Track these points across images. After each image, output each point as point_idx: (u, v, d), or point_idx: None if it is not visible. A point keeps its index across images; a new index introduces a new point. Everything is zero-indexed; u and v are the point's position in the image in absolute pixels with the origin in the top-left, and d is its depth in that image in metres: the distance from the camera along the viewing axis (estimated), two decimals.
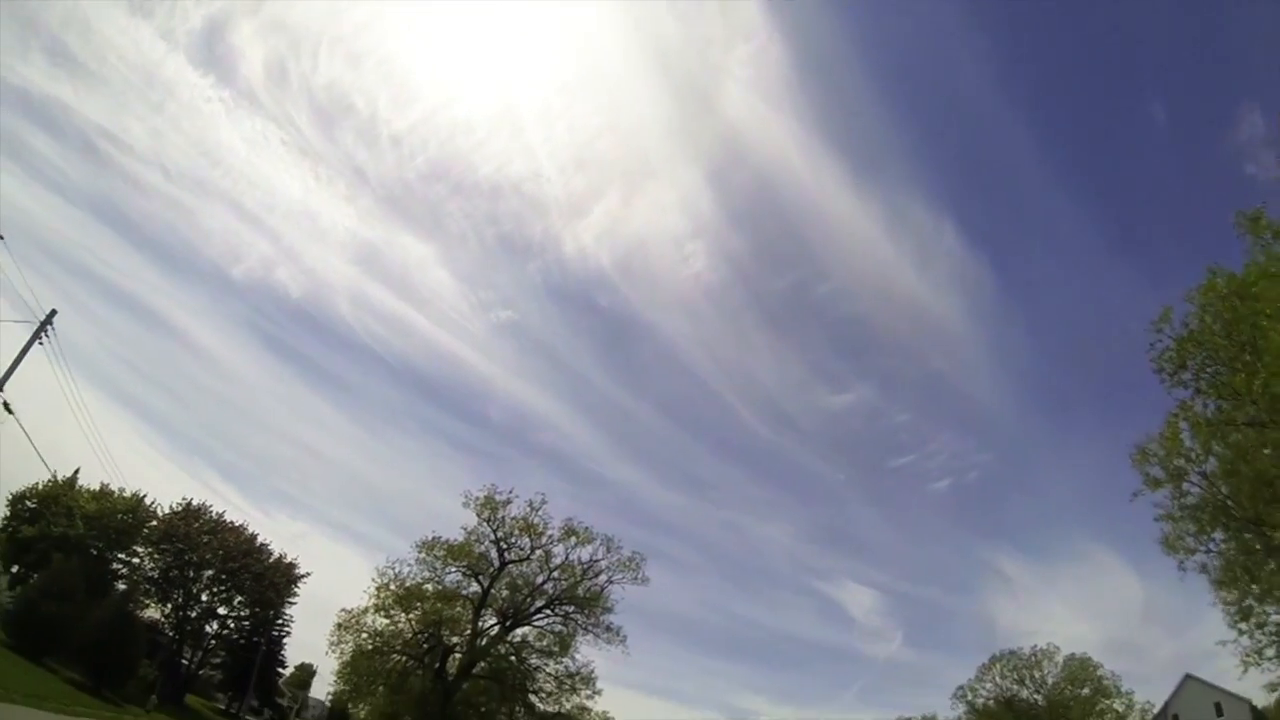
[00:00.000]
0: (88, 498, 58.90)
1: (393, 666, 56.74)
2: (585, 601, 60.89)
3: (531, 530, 59.82)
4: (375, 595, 56.27)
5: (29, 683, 32.47)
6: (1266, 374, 21.07)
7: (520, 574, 61.99)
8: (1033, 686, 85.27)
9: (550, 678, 62.38)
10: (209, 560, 61.24)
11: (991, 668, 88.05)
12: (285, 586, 69.16)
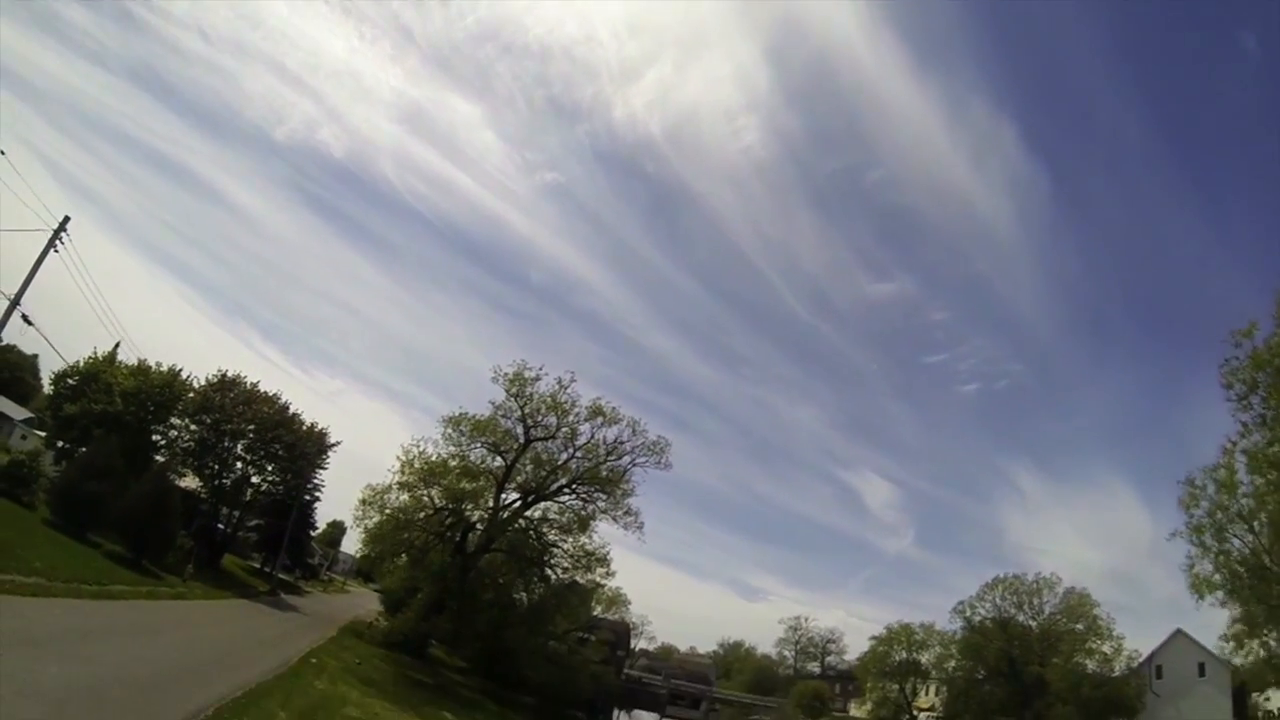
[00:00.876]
0: (126, 374, 60.06)
1: (413, 540, 58.07)
2: (607, 482, 61.84)
3: (558, 408, 60.36)
4: (400, 472, 57.39)
5: (71, 565, 33.62)
6: None
7: (544, 451, 62.68)
8: (1029, 613, 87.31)
9: (566, 555, 64.37)
10: (244, 430, 62.60)
11: (994, 588, 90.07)
12: (316, 455, 71.03)
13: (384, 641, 55.64)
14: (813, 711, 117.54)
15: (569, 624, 73.07)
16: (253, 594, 57.43)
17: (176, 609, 35.71)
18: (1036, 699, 77.64)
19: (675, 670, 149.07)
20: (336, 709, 27.76)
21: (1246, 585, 24.27)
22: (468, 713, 42.58)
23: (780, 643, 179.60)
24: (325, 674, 33.79)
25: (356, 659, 42.97)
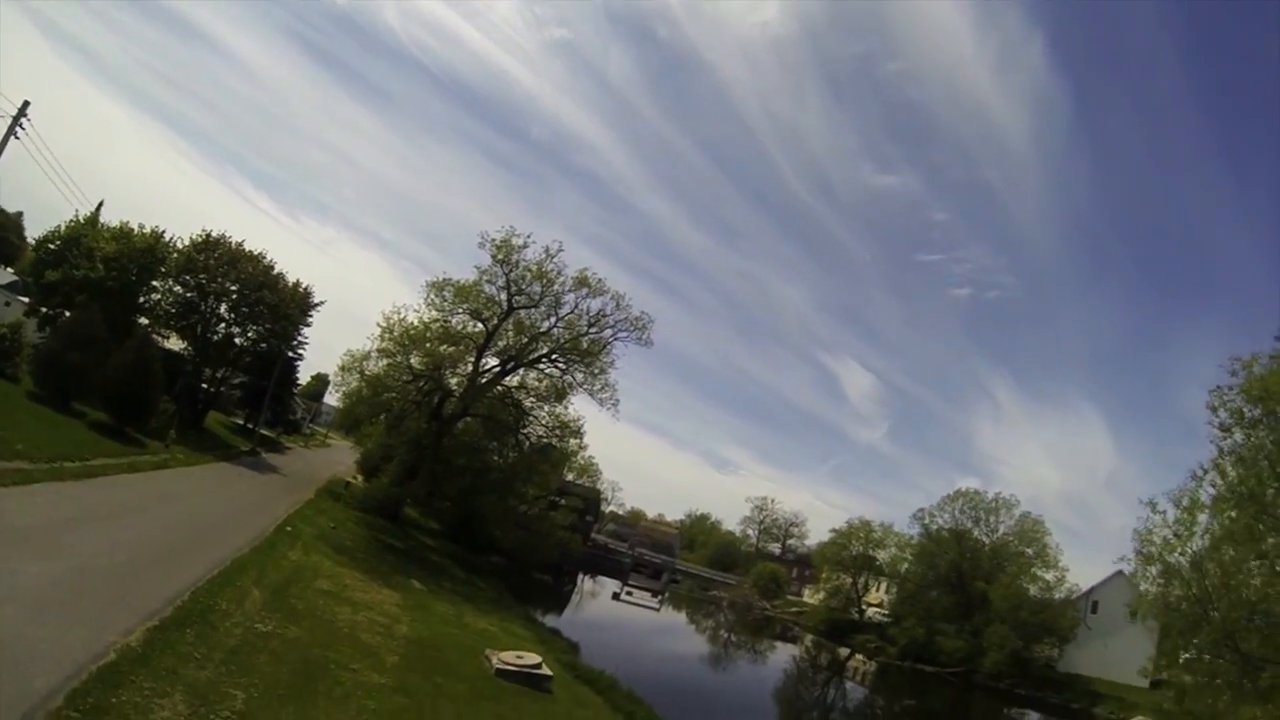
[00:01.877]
0: (107, 238, 59.37)
1: (390, 406, 59.62)
2: (586, 354, 62.69)
3: (544, 277, 60.62)
4: (379, 339, 58.46)
5: (54, 441, 34.46)
6: None
7: (527, 318, 63.33)
8: (984, 530, 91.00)
9: (541, 423, 66.62)
10: (227, 290, 62.93)
11: (954, 500, 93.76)
12: (300, 314, 71.61)
13: (360, 505, 57.40)
14: (768, 593, 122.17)
15: (539, 490, 74.98)
16: (234, 455, 58.35)
17: (158, 481, 36.36)
18: (978, 613, 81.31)
19: (641, 538, 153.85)
20: (309, 581, 28.96)
21: (1179, 629, 24.56)
22: (435, 579, 43.85)
23: (745, 521, 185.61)
24: (299, 543, 35.09)
25: (331, 523, 44.44)
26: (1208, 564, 20.28)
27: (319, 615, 25.06)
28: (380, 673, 22.00)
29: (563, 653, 38.00)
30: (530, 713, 24.68)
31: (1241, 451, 21.41)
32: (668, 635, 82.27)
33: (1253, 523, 20.00)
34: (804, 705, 62.59)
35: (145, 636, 16.33)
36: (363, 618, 27.42)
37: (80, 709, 12.16)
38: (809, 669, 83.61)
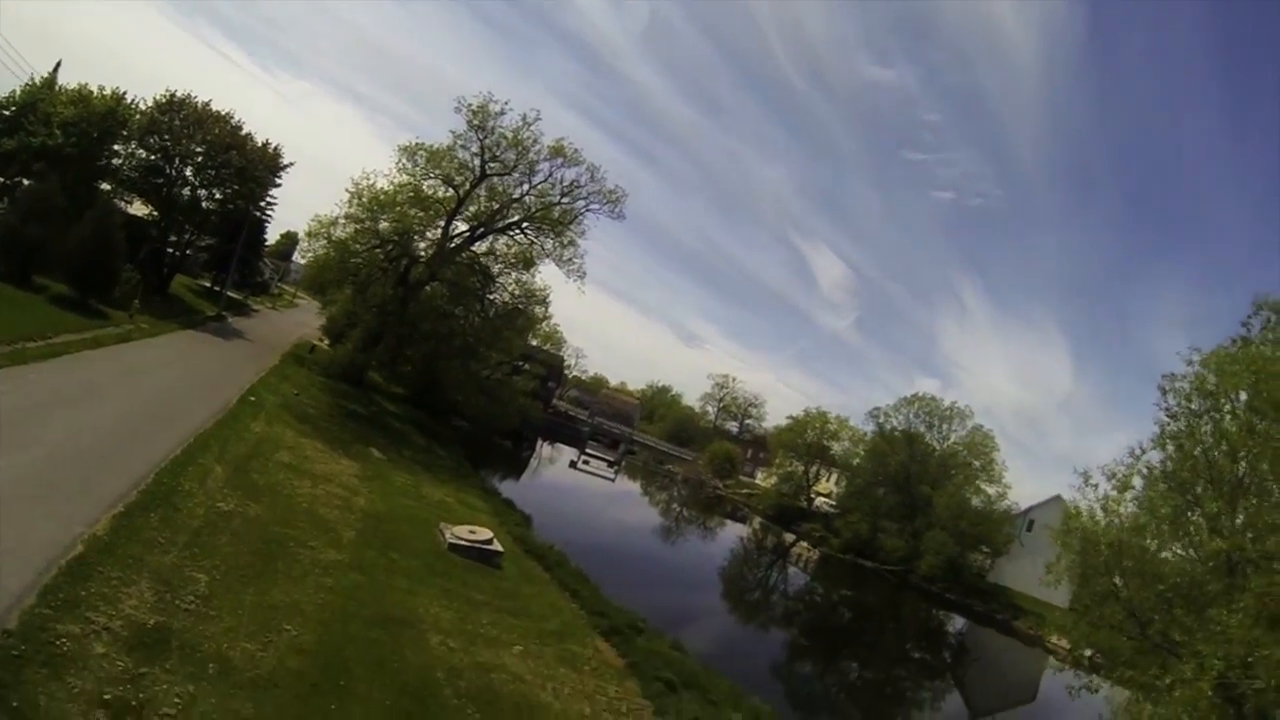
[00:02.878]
0: (65, 102, 56.48)
1: (357, 271, 59.31)
2: (558, 223, 62.62)
3: (519, 144, 59.88)
4: (348, 204, 57.72)
5: (15, 320, 34.10)
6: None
7: (500, 185, 62.96)
8: (937, 437, 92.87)
9: (507, 290, 67.43)
10: (193, 152, 60.86)
11: (911, 403, 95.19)
12: (268, 176, 69.84)
13: (324, 371, 57.53)
14: (722, 472, 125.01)
15: (503, 356, 75.69)
16: (200, 322, 57.64)
17: (122, 356, 35.92)
18: (920, 516, 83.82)
19: (602, 407, 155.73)
20: (270, 454, 29.49)
21: (1090, 597, 24.62)
22: (395, 448, 44.45)
23: (705, 397, 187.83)
24: (263, 413, 35.42)
25: (295, 390, 44.76)
26: (1126, 546, 21.15)
27: (279, 491, 25.65)
28: (337, 549, 22.82)
29: (515, 525, 38.89)
30: (479, 588, 25.49)
31: (1182, 440, 22.05)
32: (621, 506, 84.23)
33: (1179, 512, 20.85)
34: (748, 585, 64.81)
35: (111, 524, 16.82)
36: (322, 491, 28.09)
37: (52, 605, 12.71)
38: (755, 551, 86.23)
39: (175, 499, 20.14)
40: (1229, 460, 20.06)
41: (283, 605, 17.40)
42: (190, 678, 12.87)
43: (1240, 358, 20.65)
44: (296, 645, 15.83)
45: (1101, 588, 21.79)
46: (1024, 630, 70.95)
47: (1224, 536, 18.67)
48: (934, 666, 57.70)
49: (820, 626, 59.16)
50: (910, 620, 71.72)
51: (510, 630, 22.90)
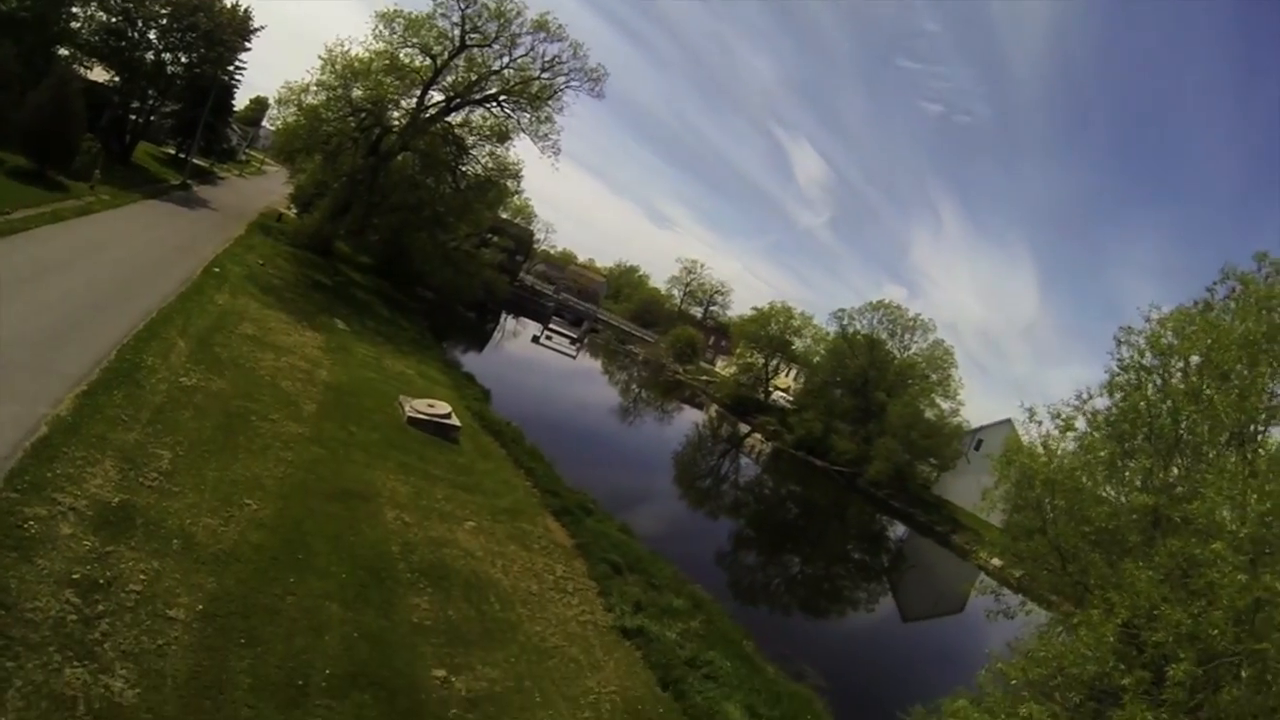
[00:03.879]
0: None
1: (328, 139, 58.13)
2: (535, 98, 62.13)
3: (502, 16, 59.14)
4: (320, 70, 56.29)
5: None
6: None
7: (479, 56, 61.88)
8: (898, 345, 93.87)
9: (480, 163, 66.76)
10: (157, 14, 58.33)
11: (876, 309, 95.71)
12: (237, 40, 67.52)
13: (291, 241, 57.22)
14: (683, 357, 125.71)
15: (472, 228, 75.56)
16: (164, 191, 56.19)
17: (82, 229, 34.97)
18: (873, 422, 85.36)
19: (568, 283, 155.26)
20: (234, 327, 29.64)
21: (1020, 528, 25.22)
22: (359, 319, 44.74)
23: (672, 280, 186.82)
24: (227, 285, 35.37)
25: (260, 261, 44.59)
26: (1060, 485, 21.74)
27: (242, 364, 25.92)
28: (298, 422, 23.44)
29: (474, 400, 39.61)
30: (436, 463, 26.32)
31: (1129, 392, 22.44)
32: (580, 384, 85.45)
33: (1115, 460, 21.43)
34: (699, 472, 66.13)
35: (74, 404, 17.07)
36: (285, 364, 28.45)
37: (18, 489, 13.11)
38: (709, 439, 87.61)
39: (138, 375, 20.40)
40: (1170, 420, 20.58)
41: (244, 480, 17.98)
42: (155, 554, 13.50)
43: (1199, 322, 21.13)
44: (257, 520, 16.52)
45: (1030, 522, 22.76)
46: (961, 545, 72.42)
47: (1152, 492, 19.47)
48: (872, 569, 59.68)
49: (766, 519, 60.76)
50: (854, 522, 73.66)
51: (464, 506, 23.82)
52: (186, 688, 11.20)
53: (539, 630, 18.67)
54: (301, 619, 14.30)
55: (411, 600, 17.14)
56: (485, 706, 14.90)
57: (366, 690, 13.43)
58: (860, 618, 45.49)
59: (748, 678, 21.67)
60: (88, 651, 10.73)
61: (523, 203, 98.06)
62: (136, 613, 11.98)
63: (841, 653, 33.25)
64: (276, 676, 12.48)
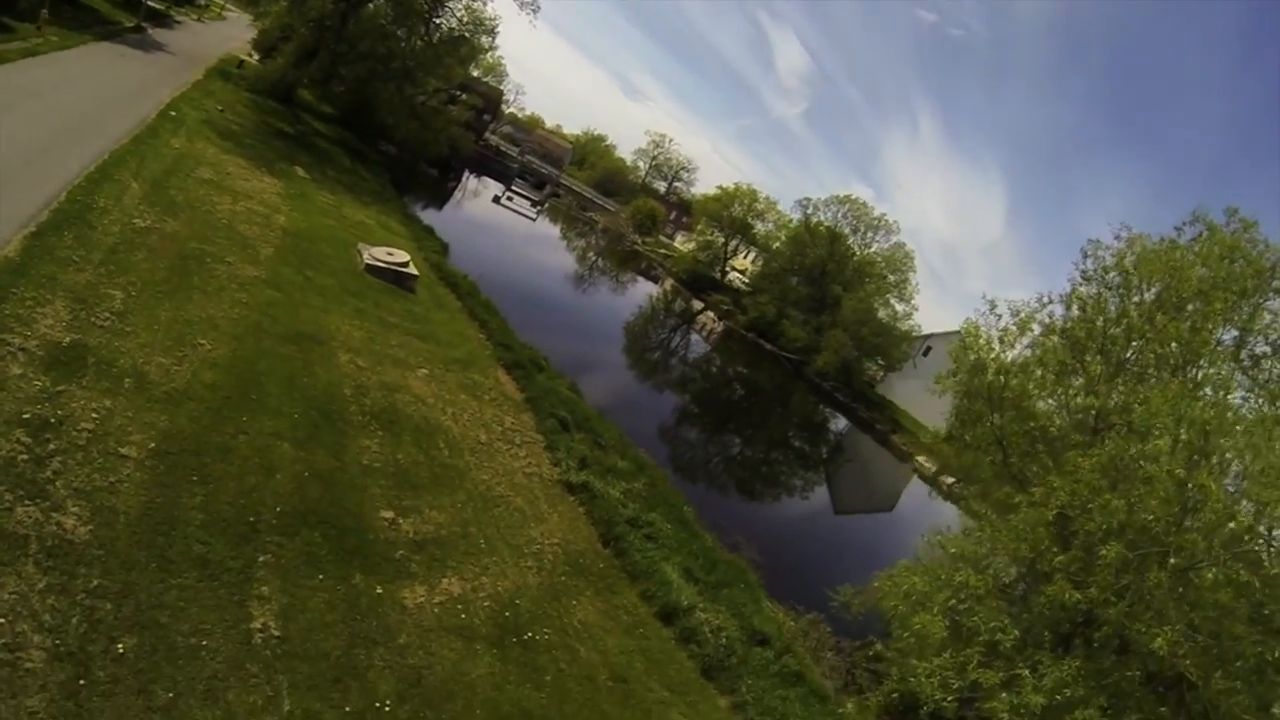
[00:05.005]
0: None
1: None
2: None
3: None
4: None
5: None
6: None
7: None
8: (859, 242, 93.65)
9: (455, 15, 64.71)
10: None
11: (843, 202, 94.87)
12: None
13: (252, 87, 55.23)
14: (643, 229, 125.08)
15: (441, 83, 73.53)
16: (116, 34, 52.52)
17: (29, 71, 32.75)
18: (826, 314, 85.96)
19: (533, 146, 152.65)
20: (190, 171, 29.13)
21: (965, 416, 25.74)
22: (320, 167, 44.08)
23: (639, 153, 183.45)
24: (184, 129, 34.47)
25: (219, 106, 43.20)
26: (1011, 379, 22.24)
27: (198, 207, 25.63)
28: (255, 265, 23.50)
29: (433, 252, 39.71)
30: (391, 310, 26.71)
31: (1088, 305, 22.83)
32: (538, 248, 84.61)
33: (1065, 367, 21.97)
34: (650, 344, 67.03)
35: (22, 245, 16.87)
36: (242, 208, 28.22)
37: None
38: (662, 312, 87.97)
39: (90, 217, 20.15)
40: (1123, 340, 21.18)
41: (198, 320, 18.11)
42: (107, 393, 13.71)
43: (1163, 253, 21.72)
44: (210, 360, 16.73)
45: (978, 410, 23.46)
46: (899, 445, 73.76)
47: (1098, 396, 20.25)
48: (810, 458, 60.72)
49: (711, 397, 61.73)
50: (797, 409, 74.72)
51: (417, 354, 24.26)
52: (139, 524, 11.55)
53: (486, 479, 19.32)
54: (253, 458, 14.66)
55: (362, 442, 17.60)
56: (431, 549, 15.54)
57: (316, 528, 13.94)
58: (794, 504, 46.59)
59: (686, 542, 22.60)
60: (39, 490, 10.98)
61: (495, 61, 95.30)
62: (88, 451, 12.22)
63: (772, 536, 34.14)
64: (228, 513, 12.89)
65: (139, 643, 9.90)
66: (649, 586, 18.91)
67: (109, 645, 9.61)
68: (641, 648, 16.90)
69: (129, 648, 9.73)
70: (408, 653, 12.77)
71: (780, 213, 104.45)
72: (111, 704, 8.98)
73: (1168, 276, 20.86)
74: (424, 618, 13.80)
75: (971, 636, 14.39)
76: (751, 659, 18.60)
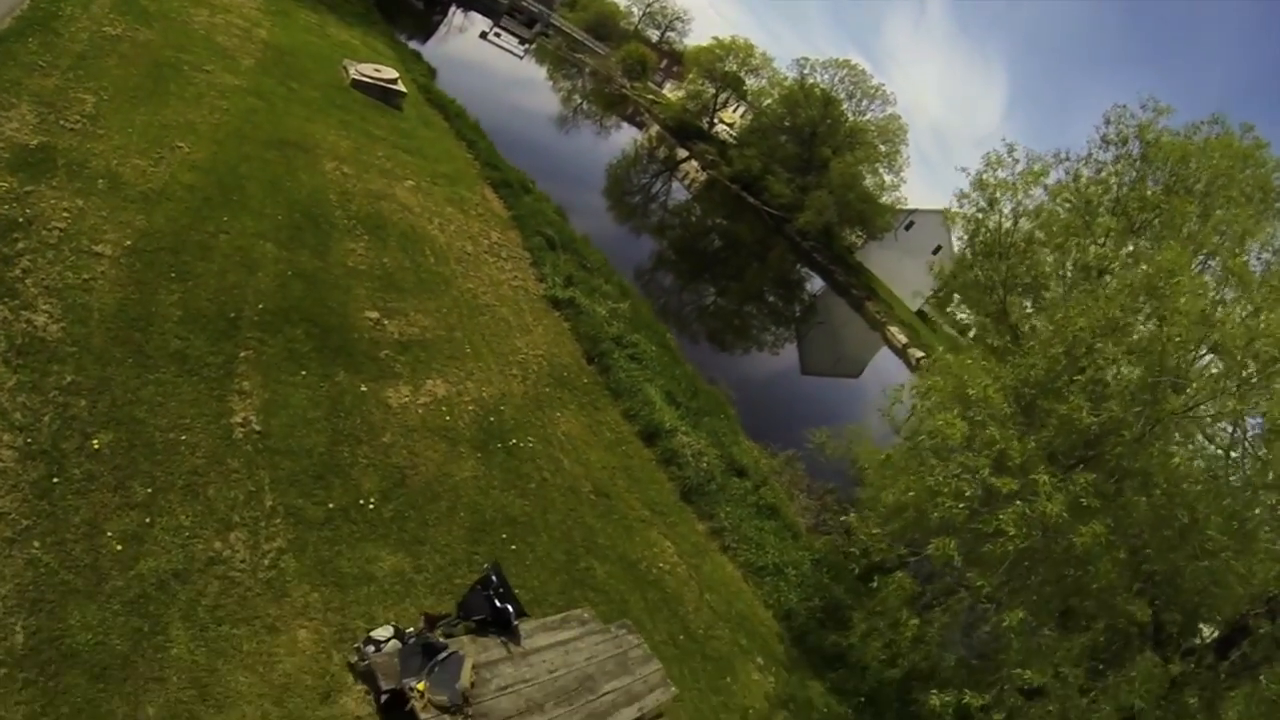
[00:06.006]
0: None
1: None
2: None
3: None
4: None
5: None
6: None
7: None
8: (853, 108, 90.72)
9: None
10: None
11: (841, 66, 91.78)
12: None
13: None
14: (632, 74, 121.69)
15: None
16: None
17: None
18: (813, 175, 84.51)
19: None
20: None
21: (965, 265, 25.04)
22: None
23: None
24: None
25: None
26: (1020, 222, 21.76)
27: (173, 18, 24.08)
28: (235, 75, 22.34)
29: (420, 75, 38.36)
30: (378, 125, 25.83)
31: (1105, 168, 22.13)
32: (523, 89, 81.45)
33: (1074, 221, 21.33)
34: (631, 187, 65.84)
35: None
36: (220, 20, 26.61)
37: None
38: (645, 158, 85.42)
39: (55, 24, 18.78)
40: (1136, 209, 20.85)
41: (175, 125, 17.26)
42: (79, 193, 13.07)
43: (1179, 143, 21.08)
44: (189, 162, 16.04)
45: (984, 241, 23.05)
46: (872, 313, 73.74)
47: (1110, 251, 19.94)
48: (783, 314, 60.68)
49: (689, 246, 61.10)
50: (775, 265, 74.37)
51: (404, 166, 23.55)
52: (114, 320, 11.24)
53: (471, 288, 19.05)
54: (234, 256, 14.28)
55: (347, 245, 17.23)
56: (416, 350, 15.38)
57: (299, 325, 13.71)
58: (763, 359, 46.77)
59: (669, 366, 22.67)
60: (7, 289, 10.58)
61: None
62: (59, 250, 11.77)
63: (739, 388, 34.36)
64: (208, 310, 12.59)
65: (115, 439, 9.71)
66: (632, 405, 19.03)
67: (83, 442, 9.40)
68: (624, 465, 17.06)
69: (104, 444, 9.53)
70: (392, 452, 12.74)
71: (775, 70, 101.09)
72: (87, 501, 8.84)
73: (1183, 163, 20.53)
74: (408, 418, 13.74)
75: (984, 448, 14.33)
76: (730, 488, 18.92)
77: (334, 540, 10.62)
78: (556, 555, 13.53)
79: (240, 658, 8.54)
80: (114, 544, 8.64)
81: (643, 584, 14.61)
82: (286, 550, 10.03)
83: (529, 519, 13.57)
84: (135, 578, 8.51)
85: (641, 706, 11.03)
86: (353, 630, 9.67)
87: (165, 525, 9.20)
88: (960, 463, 14.24)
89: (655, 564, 15.35)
